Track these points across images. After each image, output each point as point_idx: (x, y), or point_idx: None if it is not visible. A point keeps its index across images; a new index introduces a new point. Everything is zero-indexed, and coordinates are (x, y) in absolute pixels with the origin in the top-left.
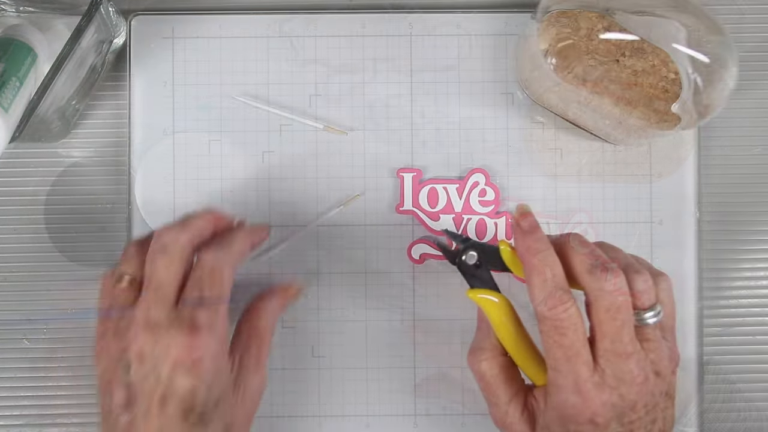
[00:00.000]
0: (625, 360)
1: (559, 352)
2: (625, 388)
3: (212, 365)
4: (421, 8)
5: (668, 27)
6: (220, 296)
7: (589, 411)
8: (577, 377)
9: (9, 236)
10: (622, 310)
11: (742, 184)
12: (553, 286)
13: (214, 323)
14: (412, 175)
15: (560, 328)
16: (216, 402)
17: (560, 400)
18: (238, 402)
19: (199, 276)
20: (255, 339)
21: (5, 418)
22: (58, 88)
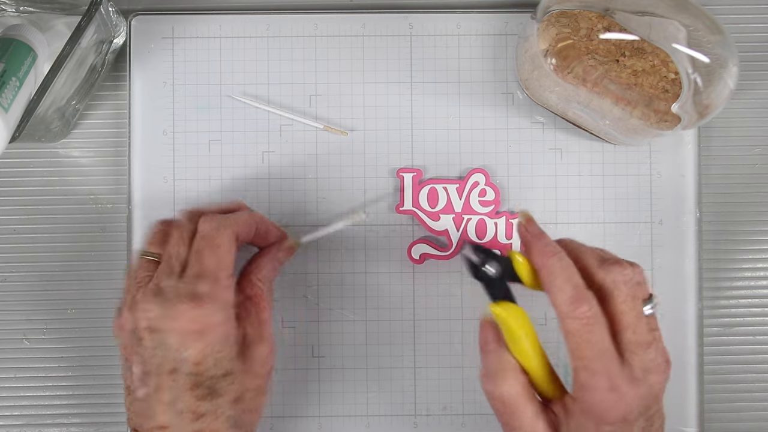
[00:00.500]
0: (647, 349)
1: (589, 351)
2: (652, 378)
3: (217, 335)
4: (421, 8)
5: (668, 27)
6: (218, 265)
7: (623, 407)
8: (610, 373)
9: (9, 236)
10: (637, 300)
11: (742, 184)
12: (575, 284)
13: (216, 293)
14: (412, 175)
15: (588, 325)
16: (225, 373)
17: (593, 402)
18: (248, 373)
19: (197, 247)
20: (253, 306)
21: (5, 418)
22: (58, 88)
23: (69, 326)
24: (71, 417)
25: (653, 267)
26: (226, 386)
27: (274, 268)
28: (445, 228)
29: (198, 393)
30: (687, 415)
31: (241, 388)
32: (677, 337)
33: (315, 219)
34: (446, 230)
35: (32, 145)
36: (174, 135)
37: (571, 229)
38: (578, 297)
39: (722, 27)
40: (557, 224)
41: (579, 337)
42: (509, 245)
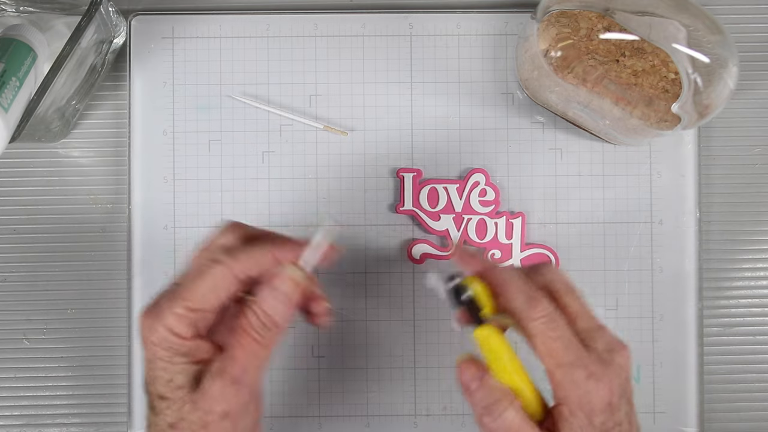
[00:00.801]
0: (603, 331)
1: (557, 347)
2: (617, 357)
3: (154, 354)
4: (421, 8)
5: (668, 27)
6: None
7: (606, 391)
8: (583, 362)
9: (9, 236)
10: (575, 290)
11: (742, 184)
12: (527, 287)
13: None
14: (412, 175)
15: (550, 322)
16: (159, 395)
17: (578, 396)
18: (192, 403)
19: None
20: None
21: (5, 418)
22: (58, 88)
23: (69, 326)
24: (71, 417)
25: (653, 267)
26: (163, 408)
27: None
28: (445, 228)
29: (147, 400)
30: (687, 415)
31: (179, 415)
32: (677, 337)
33: (315, 219)
34: (446, 230)
35: (32, 145)
36: (174, 135)
37: (571, 229)
38: (533, 297)
39: (722, 27)
40: (557, 224)
41: (545, 336)
42: (509, 245)
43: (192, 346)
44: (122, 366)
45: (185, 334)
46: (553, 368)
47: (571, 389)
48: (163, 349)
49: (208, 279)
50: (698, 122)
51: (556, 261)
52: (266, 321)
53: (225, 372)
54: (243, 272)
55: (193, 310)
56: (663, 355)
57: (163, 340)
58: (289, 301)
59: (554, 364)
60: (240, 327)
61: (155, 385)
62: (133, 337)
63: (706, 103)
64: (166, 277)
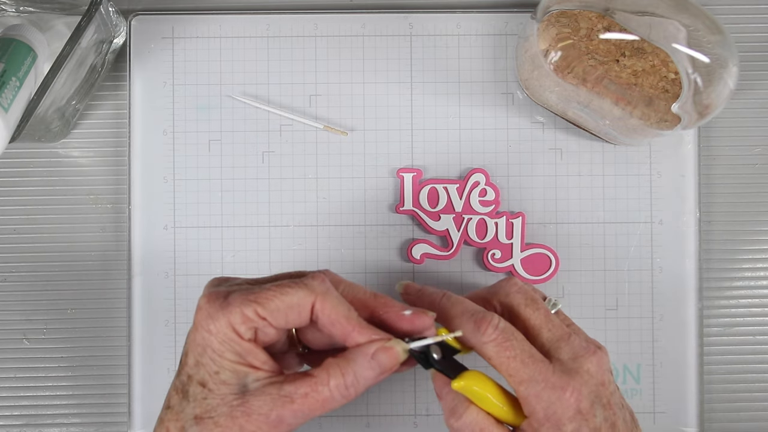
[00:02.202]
0: (568, 340)
1: (515, 364)
2: (585, 363)
3: (201, 341)
4: (421, 8)
5: (668, 27)
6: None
7: (571, 401)
8: (543, 374)
9: (9, 236)
10: (537, 302)
11: (742, 184)
12: (472, 311)
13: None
14: (412, 175)
15: (503, 342)
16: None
17: (542, 408)
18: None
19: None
20: (302, 381)
21: (5, 418)
22: (58, 88)
23: (69, 326)
24: (71, 417)
25: (653, 267)
26: (198, 395)
27: (371, 373)
28: (446, 228)
29: (176, 383)
30: (687, 415)
31: (210, 412)
32: (677, 337)
33: (315, 219)
34: (446, 230)
35: (32, 145)
36: (174, 135)
37: (571, 229)
38: (479, 320)
39: (722, 27)
40: (557, 224)
41: (500, 357)
42: (509, 245)
43: (247, 348)
44: (122, 366)
45: (245, 336)
46: (515, 385)
47: (535, 403)
48: (218, 341)
49: (289, 297)
50: (698, 122)
51: (555, 261)
52: (350, 386)
53: (277, 406)
54: (323, 313)
55: (261, 318)
56: (663, 355)
57: (221, 332)
58: (380, 377)
59: (515, 381)
60: (316, 378)
61: (199, 371)
62: (134, 337)
63: (706, 103)
64: (167, 277)
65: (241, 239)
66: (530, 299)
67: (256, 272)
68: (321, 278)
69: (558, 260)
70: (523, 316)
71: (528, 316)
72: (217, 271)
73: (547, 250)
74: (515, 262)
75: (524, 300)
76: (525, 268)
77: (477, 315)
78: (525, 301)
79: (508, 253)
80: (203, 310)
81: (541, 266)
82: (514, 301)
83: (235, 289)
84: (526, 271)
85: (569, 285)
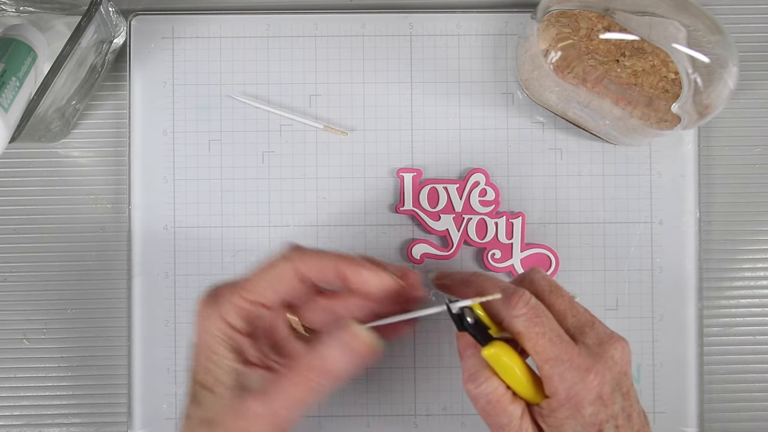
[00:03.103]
0: (593, 326)
1: (543, 342)
2: (610, 349)
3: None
4: (421, 8)
5: (668, 27)
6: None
7: (594, 384)
8: (569, 355)
9: (9, 236)
10: (561, 289)
11: (742, 184)
12: (504, 287)
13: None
14: (412, 175)
15: (533, 318)
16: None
17: (565, 389)
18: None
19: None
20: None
21: (5, 418)
22: (58, 88)
23: (69, 326)
24: (71, 417)
25: (653, 267)
26: (204, 398)
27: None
28: (446, 228)
29: (188, 391)
30: (687, 415)
31: (217, 417)
32: (677, 337)
33: (315, 219)
34: (446, 230)
35: (32, 145)
36: (174, 135)
37: (571, 229)
38: (510, 294)
39: (722, 27)
40: (557, 224)
41: (529, 332)
42: (509, 245)
43: (244, 343)
44: (122, 366)
45: (239, 327)
46: (540, 363)
47: (558, 382)
48: (216, 341)
49: (271, 272)
50: (698, 122)
51: (555, 261)
52: (328, 370)
53: (270, 401)
54: (307, 272)
55: (251, 302)
56: (663, 355)
57: (217, 329)
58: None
59: (541, 359)
60: (300, 362)
61: (201, 374)
62: (134, 337)
63: (706, 103)
64: (167, 277)
65: (241, 239)
66: (554, 286)
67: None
68: (291, 245)
69: (558, 260)
70: (548, 301)
71: (552, 302)
72: (217, 271)
73: (547, 250)
74: (515, 262)
75: (548, 287)
76: (525, 268)
77: (509, 290)
78: (549, 287)
79: (508, 253)
80: (200, 314)
81: (541, 266)
82: (539, 287)
83: (224, 285)
84: None
85: (569, 285)
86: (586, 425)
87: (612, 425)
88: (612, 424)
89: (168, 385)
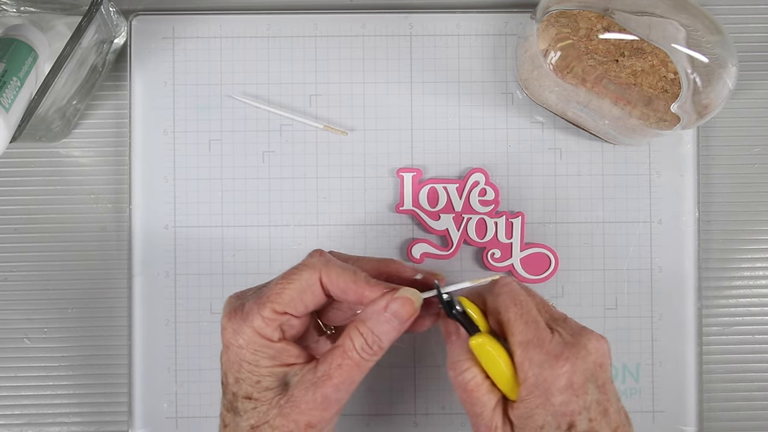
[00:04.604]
0: (566, 321)
1: (519, 322)
2: (584, 340)
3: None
4: (421, 8)
5: (668, 27)
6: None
7: (564, 372)
8: (541, 341)
9: (9, 236)
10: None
11: (741, 184)
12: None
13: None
14: (412, 175)
15: (514, 298)
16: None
17: (534, 375)
18: (278, 408)
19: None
20: (333, 356)
21: (5, 418)
22: (59, 88)
23: (69, 326)
24: (72, 416)
25: (653, 267)
26: (248, 409)
27: (388, 326)
28: (445, 228)
29: (224, 402)
30: (686, 414)
31: (263, 418)
32: (676, 336)
33: (315, 219)
34: (446, 230)
35: (33, 144)
36: (174, 135)
37: (571, 229)
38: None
39: (721, 27)
40: (557, 224)
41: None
42: (509, 245)
43: (279, 348)
44: (123, 366)
45: (273, 337)
46: (515, 347)
47: (528, 367)
48: (250, 352)
49: (296, 283)
50: (697, 122)
51: (555, 260)
52: (373, 344)
53: (318, 387)
54: (330, 284)
55: (280, 314)
56: (662, 355)
57: (250, 342)
58: (401, 327)
59: (515, 341)
60: (342, 347)
61: (241, 386)
62: (134, 336)
63: (705, 102)
64: (167, 276)
65: (241, 239)
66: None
67: (256, 272)
68: (319, 253)
69: (557, 260)
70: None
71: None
72: (217, 271)
73: (547, 250)
74: (515, 262)
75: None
76: (524, 268)
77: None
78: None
79: (507, 253)
80: (227, 329)
81: (540, 266)
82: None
83: (247, 297)
84: (525, 271)
85: (569, 284)
86: (556, 415)
87: (585, 417)
88: (585, 416)
89: (168, 384)
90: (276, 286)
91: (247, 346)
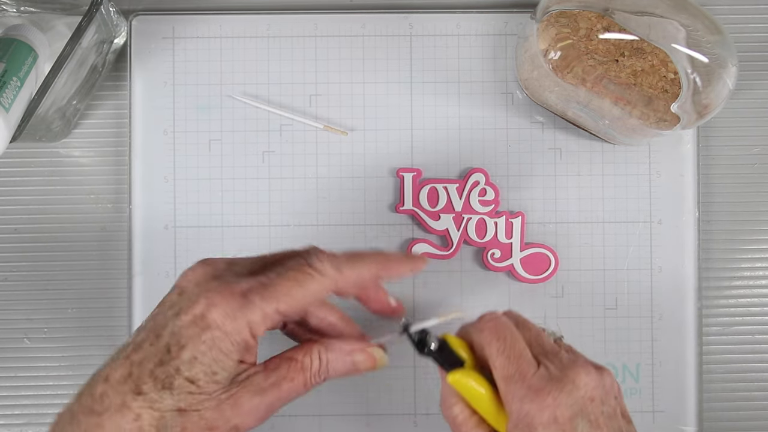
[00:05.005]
0: (558, 354)
1: (502, 357)
2: (572, 374)
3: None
4: (421, 8)
5: (668, 27)
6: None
7: (548, 407)
8: (523, 375)
9: (9, 236)
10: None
11: (741, 184)
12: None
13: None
14: (412, 175)
15: (496, 332)
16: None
17: (518, 409)
18: (215, 401)
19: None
20: (284, 366)
21: (5, 418)
22: (59, 88)
23: (70, 326)
24: None
25: (652, 266)
26: (184, 391)
27: (342, 368)
28: (445, 228)
29: (151, 368)
30: (686, 414)
31: (195, 406)
32: (676, 336)
33: (315, 219)
34: (446, 230)
35: (33, 144)
36: (174, 135)
37: (571, 229)
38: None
39: (721, 27)
40: (557, 224)
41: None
42: (509, 245)
43: (252, 346)
44: None
45: (259, 334)
46: (499, 382)
47: (512, 402)
48: (229, 342)
49: (309, 288)
50: (697, 122)
51: (555, 260)
52: (322, 373)
53: (266, 395)
54: (344, 288)
55: (280, 314)
56: (662, 355)
57: (236, 333)
58: (351, 373)
59: (499, 376)
60: (300, 363)
61: (193, 367)
62: None
63: (705, 102)
64: (167, 276)
65: (241, 239)
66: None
67: None
68: (325, 258)
69: (557, 260)
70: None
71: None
72: None
73: (547, 250)
74: (515, 262)
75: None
76: (524, 268)
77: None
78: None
79: (507, 253)
80: (219, 307)
81: (540, 266)
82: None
83: (252, 285)
84: (525, 271)
85: (568, 284)
86: None
87: None
88: None
89: None
90: (285, 283)
91: (232, 334)
